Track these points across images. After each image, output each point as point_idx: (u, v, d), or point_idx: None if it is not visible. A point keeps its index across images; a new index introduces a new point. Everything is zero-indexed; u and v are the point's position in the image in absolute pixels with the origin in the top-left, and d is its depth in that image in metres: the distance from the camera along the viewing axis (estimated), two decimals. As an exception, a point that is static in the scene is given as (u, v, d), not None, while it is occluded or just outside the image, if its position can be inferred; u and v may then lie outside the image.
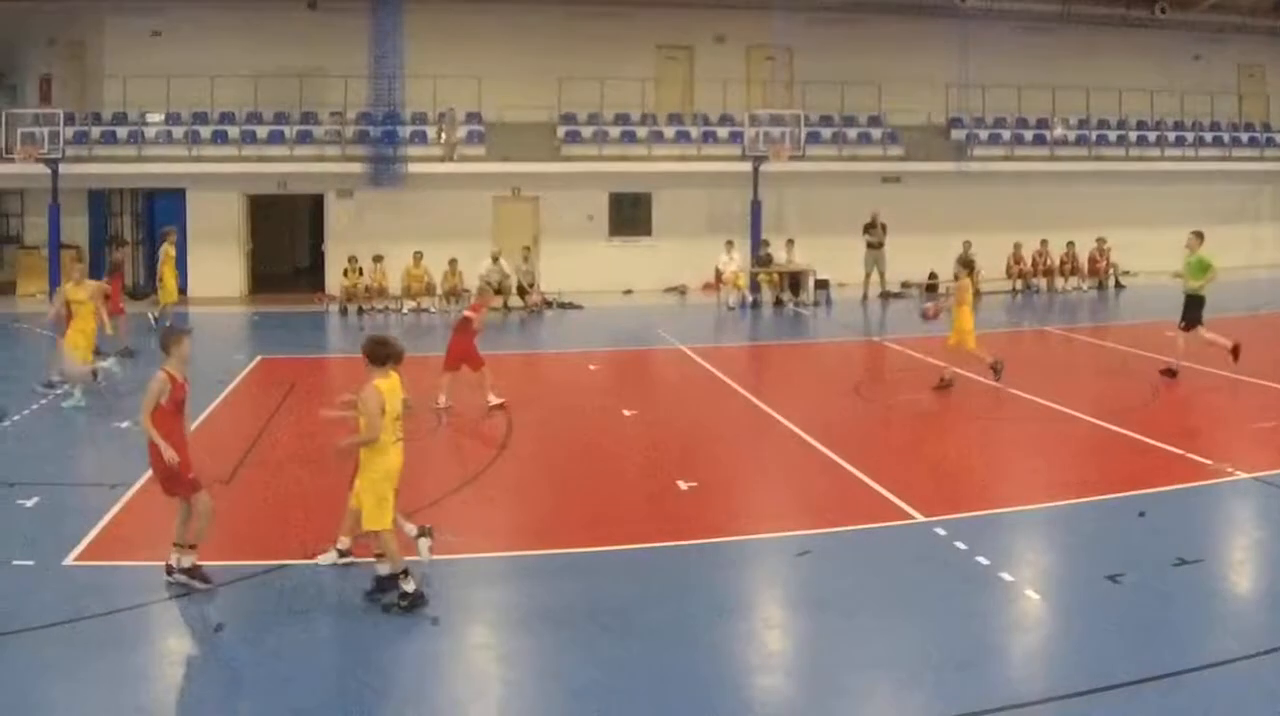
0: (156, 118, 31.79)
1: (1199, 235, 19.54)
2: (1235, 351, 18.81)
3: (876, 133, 33.57)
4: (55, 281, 30.66)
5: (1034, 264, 32.61)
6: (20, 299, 31.32)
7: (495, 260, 29.51)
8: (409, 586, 9.30)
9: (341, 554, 10.24)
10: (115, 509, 12.07)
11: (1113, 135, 35.52)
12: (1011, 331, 25.86)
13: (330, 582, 10.05)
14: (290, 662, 8.53)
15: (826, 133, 33.22)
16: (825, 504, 12.40)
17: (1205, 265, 19.08)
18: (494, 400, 16.86)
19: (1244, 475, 13.03)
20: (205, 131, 31.60)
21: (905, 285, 31.69)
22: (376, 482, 9.40)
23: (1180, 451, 14.05)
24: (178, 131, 31.57)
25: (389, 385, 9.50)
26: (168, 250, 25.43)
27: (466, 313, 17.36)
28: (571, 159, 32.06)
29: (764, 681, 8.28)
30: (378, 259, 29.71)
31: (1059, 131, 35.13)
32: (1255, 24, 36.75)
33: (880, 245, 30.72)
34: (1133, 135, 35.62)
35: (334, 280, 30.60)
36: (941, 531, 11.14)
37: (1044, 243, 32.60)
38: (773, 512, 12.25)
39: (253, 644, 8.91)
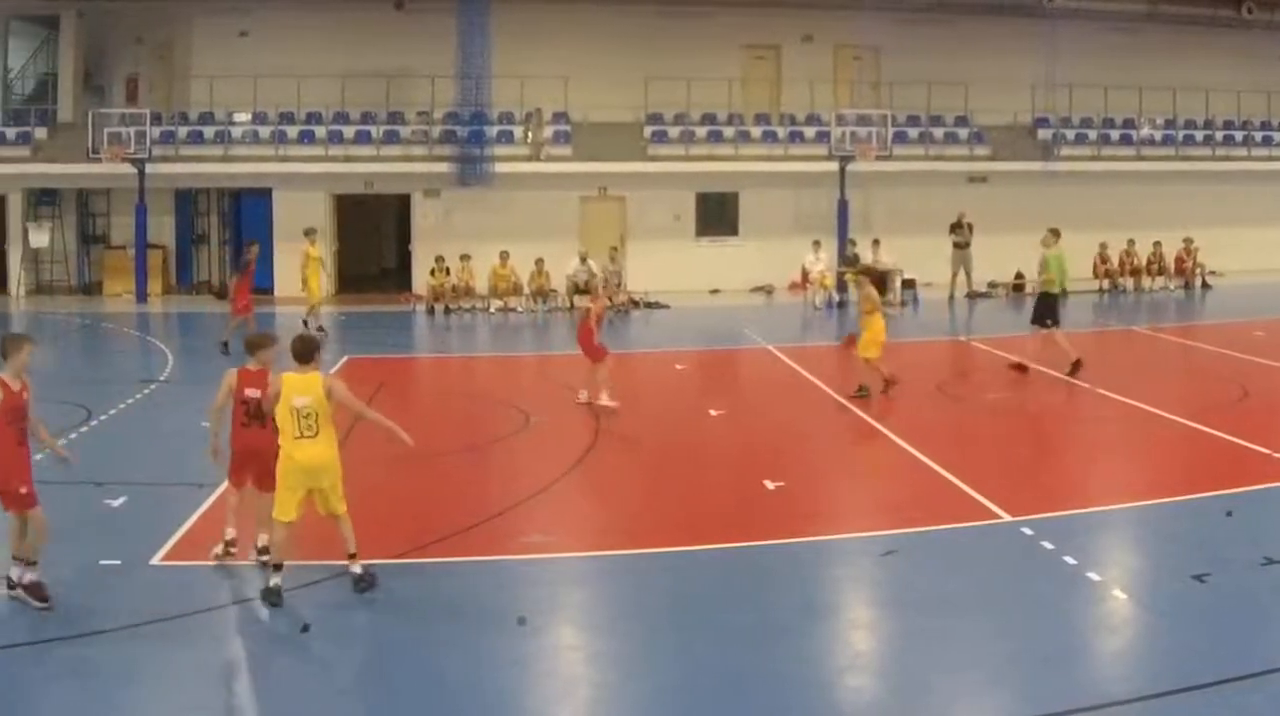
0: (243, 118, 31.87)
1: (1055, 233, 19.84)
2: (1078, 364, 18.86)
3: (963, 132, 33.33)
4: (142, 281, 30.86)
5: (1120, 264, 32.30)
6: (107, 298, 31.46)
7: (583, 260, 29.45)
8: (274, 581, 9.29)
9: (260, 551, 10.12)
10: (202, 508, 12.00)
11: (1199, 135, 35.17)
12: (1098, 331, 25.82)
13: (415, 582, 10.00)
14: (377, 662, 8.49)
15: (913, 132, 33.02)
16: (912, 503, 12.28)
17: (1060, 263, 19.41)
18: (605, 401, 16.71)
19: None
20: (292, 131, 31.66)
21: (992, 285, 31.48)
22: (283, 475, 9.45)
23: (1268, 451, 13.83)
24: (264, 131, 31.65)
25: (297, 379, 9.50)
26: (309, 251, 25.23)
27: (587, 303, 17.32)
28: (658, 159, 31.96)
29: (851, 681, 8.20)
30: (464, 259, 29.71)
31: (1145, 131, 34.80)
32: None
33: (967, 245, 30.52)
34: (1219, 135, 35.26)
35: (421, 280, 30.62)
36: (1028, 531, 11.03)
37: (1130, 242, 32.28)
38: (859, 512, 12.23)
39: (340, 643, 8.91)
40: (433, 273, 29.58)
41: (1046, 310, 19.39)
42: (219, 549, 10.31)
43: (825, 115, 32.30)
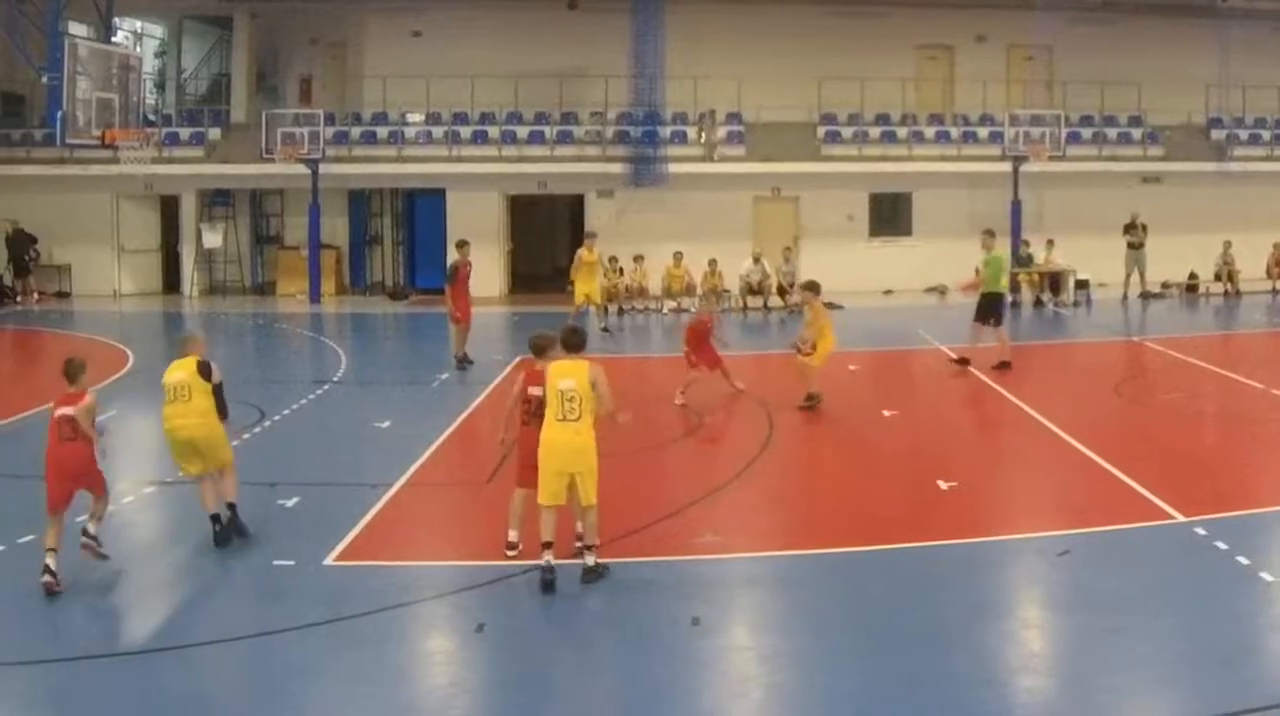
0: (416, 118, 32.02)
1: (991, 234, 20.64)
2: (1005, 364, 19.54)
3: (1136, 133, 32.98)
4: (316, 282, 30.97)
5: (1295, 265, 31.94)
6: (280, 299, 31.62)
7: (756, 260, 29.35)
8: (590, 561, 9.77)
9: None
10: (376, 509, 12.01)
11: (1373, 135, 34.68)
12: (1273, 331, 25.55)
13: (589, 583, 9.87)
14: (550, 662, 8.45)
15: (1086, 132, 32.71)
16: (1085, 503, 12.12)
17: (1000, 264, 20.05)
18: (679, 399, 16.89)
19: None
20: (465, 132, 31.73)
21: (1165, 286, 31.15)
22: (542, 460, 9.89)
23: None
24: (438, 132, 31.75)
25: (565, 365, 9.97)
26: (583, 254, 25.34)
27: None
28: (832, 159, 31.78)
29: (1025, 682, 8.11)
30: (638, 259, 29.67)
31: (1319, 132, 34.37)
32: None
33: (1141, 245, 30.18)
34: (1393, 135, 34.74)
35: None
36: (1202, 531, 10.85)
37: (1305, 242, 31.92)
38: (1033, 512, 12.05)
39: (513, 642, 8.86)
40: (606, 273, 29.46)
41: (990, 309, 19.91)
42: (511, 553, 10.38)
43: (998, 115, 32.01)
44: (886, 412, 16.85)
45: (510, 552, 10.31)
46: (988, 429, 15.97)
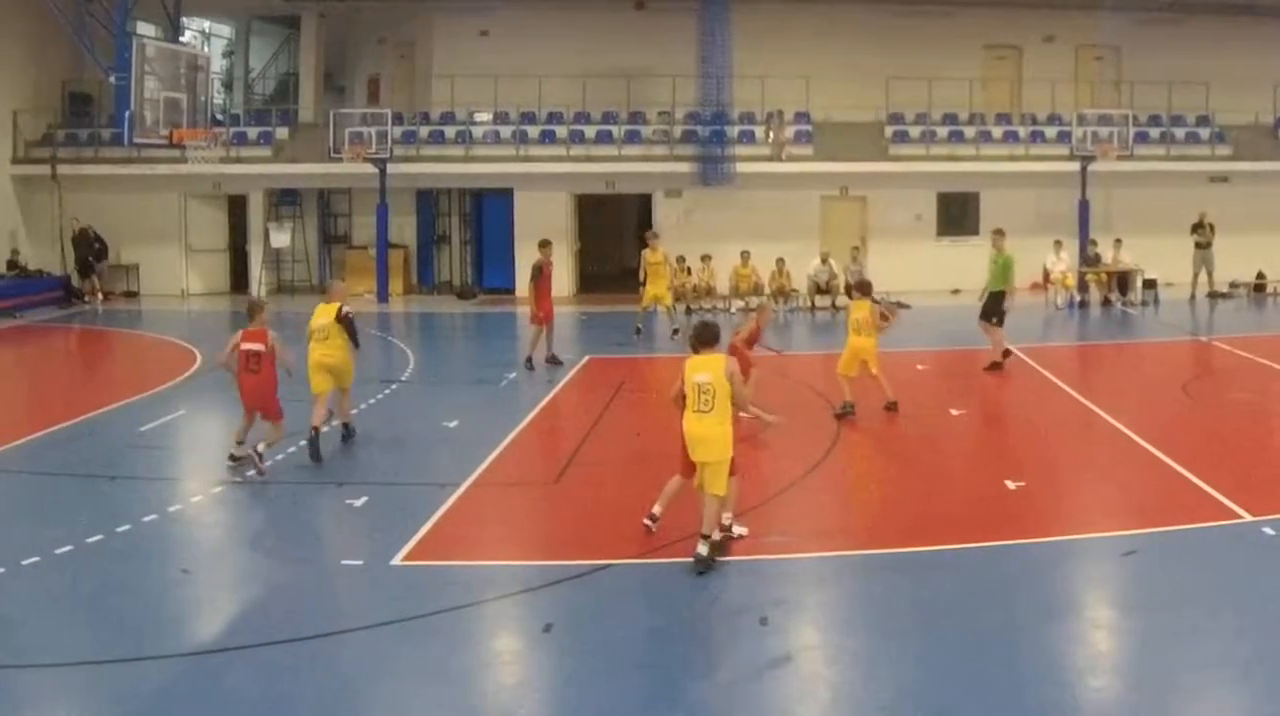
0: (484, 117, 32.08)
1: (1001, 233, 21.06)
2: (994, 365, 19.80)
3: (1204, 132, 32.87)
4: (384, 281, 31.06)
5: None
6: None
7: (824, 260, 29.34)
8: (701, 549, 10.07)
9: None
10: (444, 508, 12.03)
11: None
12: None
13: (655, 582, 9.96)
14: (617, 662, 8.41)
15: (1154, 132, 32.60)
16: (1153, 503, 12.12)
17: (1008, 264, 20.28)
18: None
19: None
20: (533, 131, 31.77)
21: (1233, 285, 31.06)
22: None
23: None
24: (505, 131, 31.80)
25: (701, 360, 10.35)
26: (647, 255, 25.23)
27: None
28: (899, 159, 31.75)
29: (1093, 681, 8.08)
30: (705, 259, 29.67)
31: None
32: None
33: (1208, 245, 30.09)
34: None
35: (662, 280, 30.54)
36: (1270, 531, 10.86)
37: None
38: (1100, 512, 12.03)
39: (580, 643, 8.85)
40: (674, 272, 29.51)
41: (994, 307, 20.18)
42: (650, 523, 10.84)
43: (1066, 115, 31.95)
44: (954, 412, 16.91)
45: (649, 523, 10.76)
46: (1055, 428, 15.84)
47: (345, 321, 14.21)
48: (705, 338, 10.48)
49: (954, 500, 12.53)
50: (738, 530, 10.80)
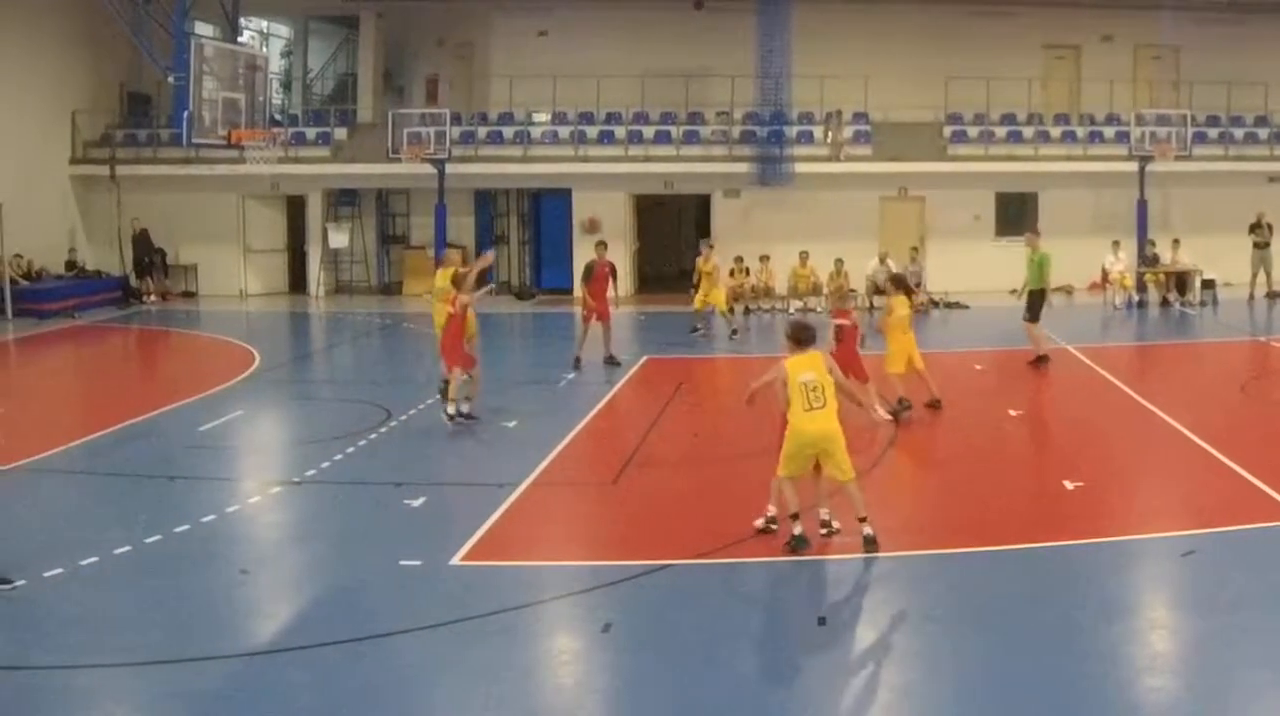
0: (543, 118, 32.20)
1: (1036, 233, 21.24)
2: (1039, 360, 20.11)
3: (1263, 132, 32.72)
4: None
5: None
6: (407, 298, 31.75)
7: (882, 261, 29.33)
8: (797, 530, 10.51)
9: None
10: (502, 508, 12.07)
11: None
12: None
13: (714, 583, 10.00)
14: (676, 662, 8.45)
15: (1212, 132, 32.47)
16: (1212, 504, 12.10)
17: (1043, 263, 20.45)
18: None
19: None
20: (591, 131, 31.85)
21: (1291, 285, 31.07)
22: (794, 445, 10.58)
23: None
24: (564, 131, 31.89)
25: (801, 360, 10.60)
26: (700, 264, 25.44)
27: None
28: (958, 159, 31.73)
29: (1151, 682, 8.08)
30: (764, 259, 29.71)
31: None
32: None
33: (1266, 245, 30.11)
34: None
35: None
36: None
37: None
38: (1158, 512, 12.05)
39: (639, 643, 8.89)
40: (732, 273, 29.54)
41: (1033, 306, 20.59)
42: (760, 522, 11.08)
43: (1124, 115, 31.81)
44: (1012, 412, 16.97)
45: (768, 524, 11.01)
46: (1113, 428, 15.85)
47: (456, 284, 15.90)
48: (802, 338, 10.68)
49: (1012, 500, 12.65)
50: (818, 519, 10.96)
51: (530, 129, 31.90)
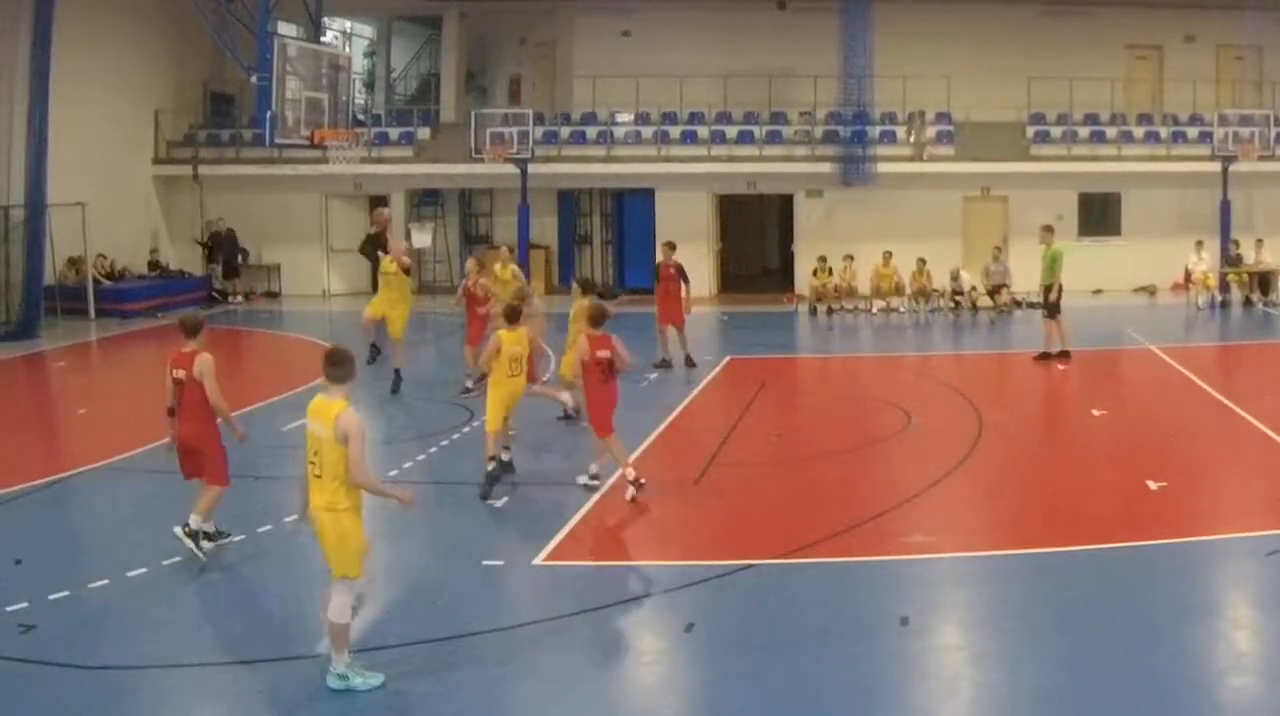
0: (626, 118, 32.30)
1: (1050, 229, 21.77)
2: (1063, 355, 20.78)
3: (1346, 132, 32.82)
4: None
5: None
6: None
7: (954, 277, 29.25)
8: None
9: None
10: (585, 508, 12.15)
11: None
12: None
13: (797, 583, 10.08)
14: (759, 662, 8.48)
15: (1295, 132, 32.56)
16: None
17: (1055, 257, 20.99)
18: None
19: None
20: (674, 131, 31.97)
21: (1373, 285, 31.06)
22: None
23: None
24: (647, 131, 32.03)
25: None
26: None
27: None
28: (1040, 159, 31.72)
29: (1235, 682, 8.11)
30: (847, 259, 29.77)
31: None
32: None
33: (1349, 245, 30.21)
34: None
35: (803, 280, 30.73)
36: None
37: None
38: (1242, 512, 12.08)
39: (723, 643, 8.90)
40: (815, 272, 29.67)
41: (1051, 302, 21.14)
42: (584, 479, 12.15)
43: (1207, 115, 31.82)
44: (1096, 412, 17.02)
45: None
46: (1197, 428, 15.98)
47: None
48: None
49: (1096, 500, 12.68)
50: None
51: (613, 129, 32.04)
